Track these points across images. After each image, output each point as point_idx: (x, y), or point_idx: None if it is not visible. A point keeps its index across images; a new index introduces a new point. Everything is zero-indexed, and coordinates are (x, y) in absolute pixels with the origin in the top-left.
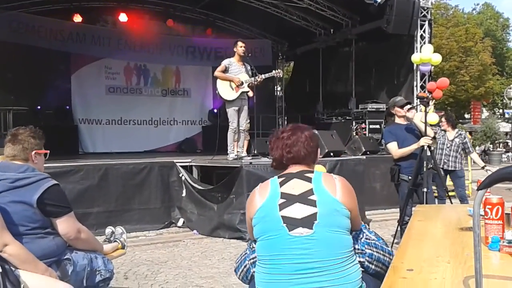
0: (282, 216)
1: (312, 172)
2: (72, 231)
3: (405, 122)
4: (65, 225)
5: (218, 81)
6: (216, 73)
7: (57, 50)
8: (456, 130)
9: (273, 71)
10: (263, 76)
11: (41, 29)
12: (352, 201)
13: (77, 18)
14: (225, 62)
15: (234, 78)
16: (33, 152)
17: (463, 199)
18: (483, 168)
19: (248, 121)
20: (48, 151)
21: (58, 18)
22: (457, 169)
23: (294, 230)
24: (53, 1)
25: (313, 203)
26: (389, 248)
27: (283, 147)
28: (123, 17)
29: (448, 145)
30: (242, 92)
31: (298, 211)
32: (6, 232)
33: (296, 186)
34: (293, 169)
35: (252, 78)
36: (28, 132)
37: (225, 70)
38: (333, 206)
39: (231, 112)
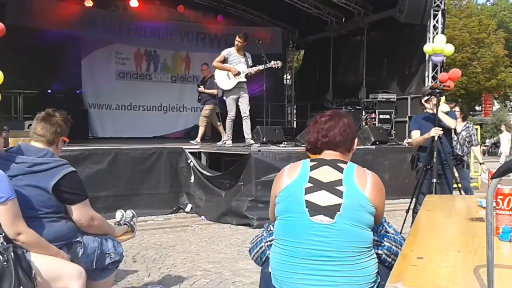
0: (306, 200)
1: (346, 163)
2: (85, 218)
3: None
4: (79, 212)
5: (216, 71)
6: (214, 63)
7: (68, 34)
8: (464, 123)
9: (272, 61)
10: (260, 67)
11: (52, 13)
12: (380, 199)
13: (88, 3)
14: (224, 53)
15: (231, 68)
16: (61, 138)
17: (467, 191)
18: (481, 164)
19: (249, 106)
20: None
21: (70, 2)
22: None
23: (315, 216)
24: None
25: (339, 194)
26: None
27: (319, 130)
28: (134, 2)
29: (455, 138)
30: (239, 82)
31: (323, 198)
32: (21, 221)
33: (326, 173)
34: (327, 156)
35: (250, 69)
36: (64, 117)
37: (224, 61)
38: (359, 201)
39: (229, 101)
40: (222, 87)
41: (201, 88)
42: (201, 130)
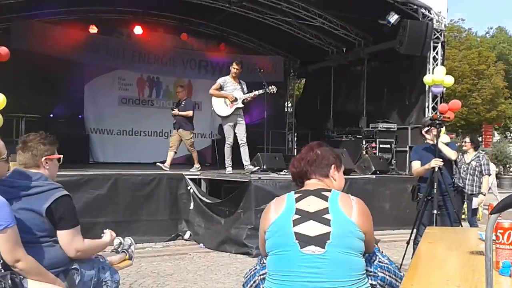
0: (295, 232)
1: (329, 191)
2: (70, 249)
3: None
4: (66, 240)
5: (213, 98)
6: (211, 91)
7: (72, 60)
8: (475, 153)
9: (268, 87)
10: (256, 92)
11: (56, 39)
12: (367, 224)
13: (93, 29)
14: (220, 81)
15: (228, 95)
16: (43, 159)
17: (470, 223)
18: (481, 193)
19: (245, 133)
20: (61, 156)
21: (74, 28)
22: (474, 192)
23: (306, 248)
24: (70, 12)
25: (327, 222)
26: (401, 274)
27: (293, 161)
28: (138, 30)
29: (465, 168)
30: (237, 108)
31: (312, 228)
32: (20, 248)
33: (312, 203)
34: (310, 186)
35: (246, 95)
36: (38, 138)
37: (220, 88)
38: (347, 227)
39: (226, 128)
40: (220, 114)
41: (176, 111)
42: (195, 155)
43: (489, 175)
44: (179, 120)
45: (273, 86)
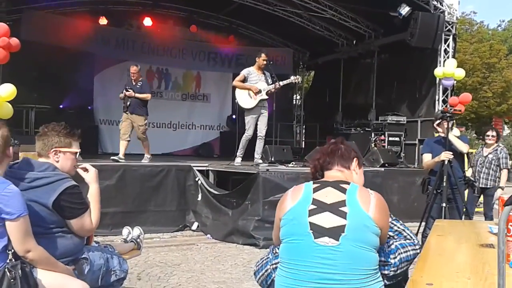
0: (310, 222)
1: (348, 183)
2: (83, 233)
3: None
4: (77, 227)
5: (237, 90)
6: (235, 82)
7: (81, 51)
8: (494, 145)
9: (292, 77)
10: (281, 83)
11: (66, 30)
12: (384, 220)
13: (103, 21)
14: (244, 72)
15: (252, 86)
16: (51, 150)
17: (485, 217)
18: (499, 187)
19: (266, 127)
20: (76, 150)
21: (84, 19)
22: (488, 186)
23: (319, 239)
24: (80, 3)
25: (343, 215)
26: (415, 239)
27: (315, 155)
28: (147, 21)
29: (481, 161)
30: (261, 100)
31: (327, 220)
32: (31, 238)
33: (329, 195)
34: (330, 177)
35: (271, 86)
36: (54, 128)
37: (244, 80)
38: (363, 221)
39: (249, 119)
40: (244, 106)
41: (130, 92)
42: (146, 145)
43: (508, 168)
44: (133, 103)
45: (298, 76)
